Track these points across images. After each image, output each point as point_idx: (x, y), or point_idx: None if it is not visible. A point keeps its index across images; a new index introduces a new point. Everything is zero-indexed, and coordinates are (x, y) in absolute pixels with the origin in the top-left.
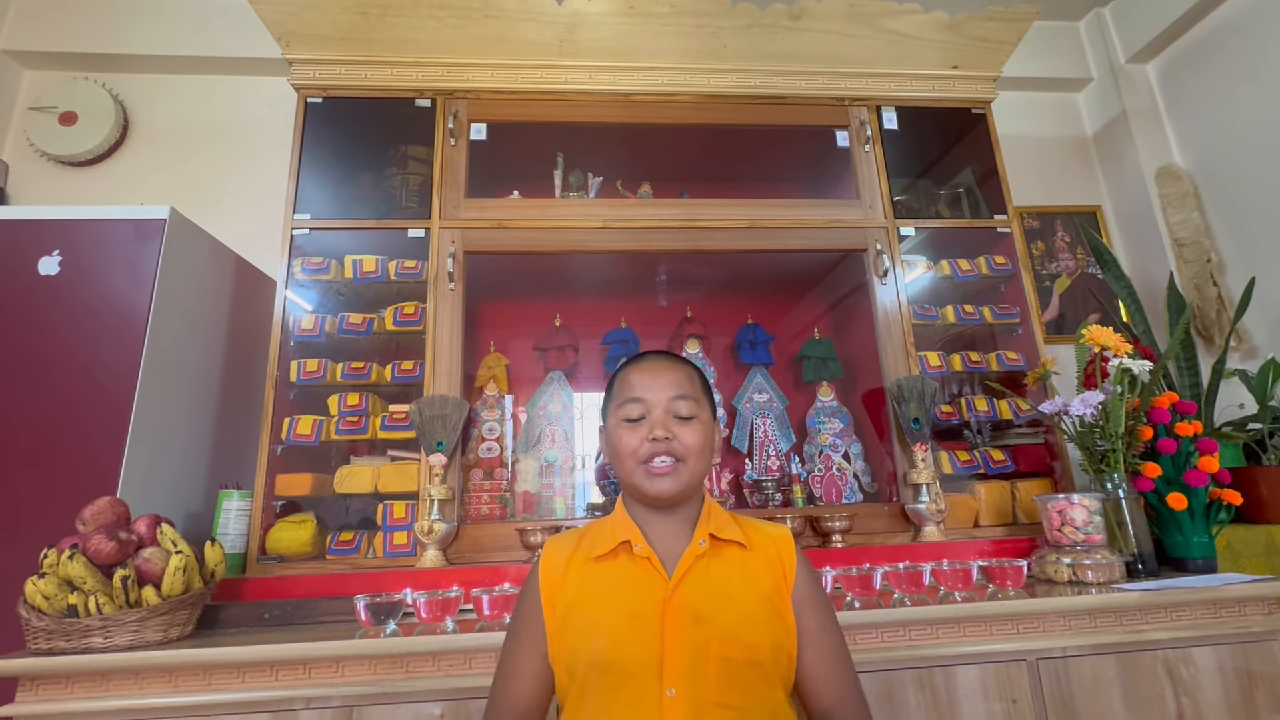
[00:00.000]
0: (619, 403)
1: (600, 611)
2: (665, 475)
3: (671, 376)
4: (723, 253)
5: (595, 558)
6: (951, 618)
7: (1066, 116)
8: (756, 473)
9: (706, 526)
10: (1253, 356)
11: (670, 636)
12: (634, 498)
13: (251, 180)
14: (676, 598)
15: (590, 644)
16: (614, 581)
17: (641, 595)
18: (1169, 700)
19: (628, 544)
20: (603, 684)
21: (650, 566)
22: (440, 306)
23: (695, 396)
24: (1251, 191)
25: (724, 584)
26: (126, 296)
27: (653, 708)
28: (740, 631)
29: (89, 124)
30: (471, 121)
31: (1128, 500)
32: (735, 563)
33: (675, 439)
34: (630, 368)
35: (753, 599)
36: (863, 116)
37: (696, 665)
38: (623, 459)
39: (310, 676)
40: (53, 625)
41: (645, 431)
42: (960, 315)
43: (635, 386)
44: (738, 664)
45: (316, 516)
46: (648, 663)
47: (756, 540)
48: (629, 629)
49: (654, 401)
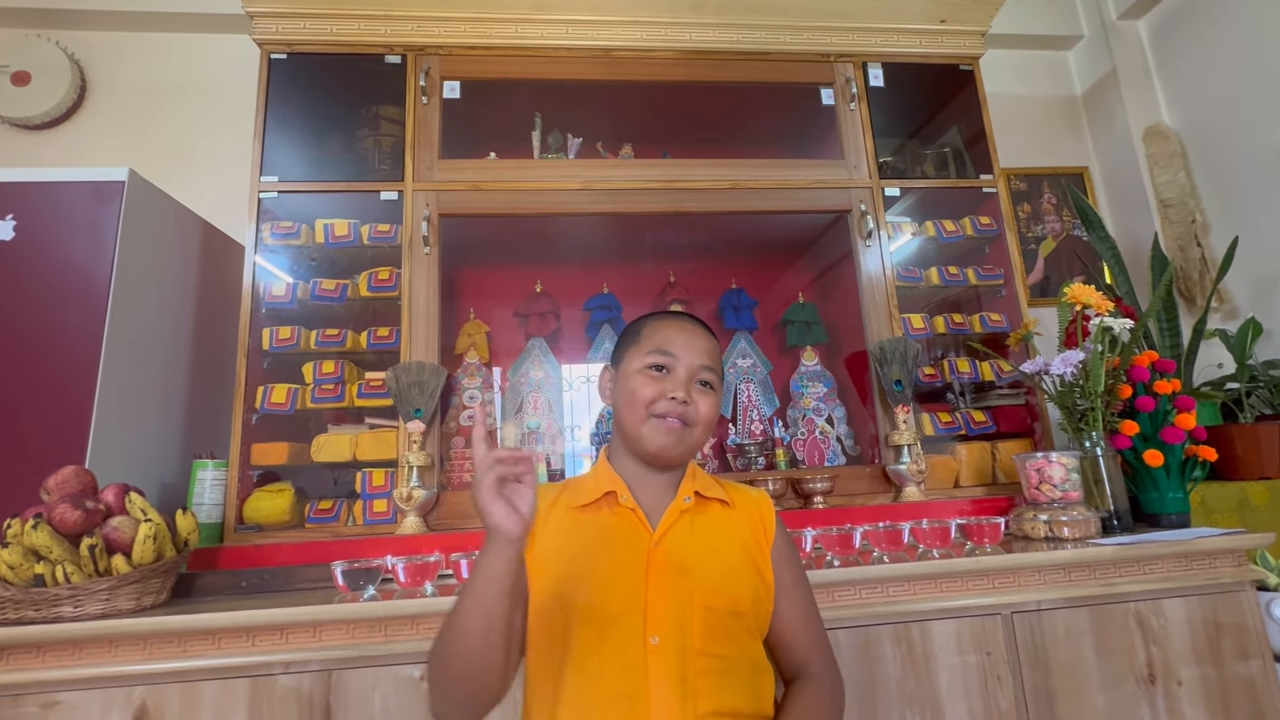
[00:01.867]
0: (647, 349)
1: (584, 560)
2: (672, 433)
3: (705, 344)
4: (705, 215)
5: (579, 506)
6: (929, 574)
7: (1056, 75)
8: (740, 437)
9: (691, 485)
10: (1233, 317)
11: (655, 586)
12: (629, 448)
13: (217, 142)
14: (661, 549)
15: (576, 591)
16: (597, 531)
17: (627, 545)
18: (1139, 650)
19: (612, 495)
20: (586, 630)
21: (635, 518)
22: (416, 272)
23: (718, 370)
24: (1238, 151)
25: (707, 538)
26: (86, 262)
27: (637, 654)
28: (723, 582)
29: (44, 84)
30: (444, 79)
31: (1105, 458)
32: (718, 518)
33: (693, 404)
34: (665, 320)
35: (735, 552)
36: (848, 73)
37: (681, 614)
38: (634, 405)
39: (287, 641)
40: (20, 595)
41: (667, 386)
42: (944, 277)
43: (670, 341)
44: (721, 614)
45: (294, 485)
46: (632, 610)
47: (738, 500)
48: (614, 577)
49: (683, 360)
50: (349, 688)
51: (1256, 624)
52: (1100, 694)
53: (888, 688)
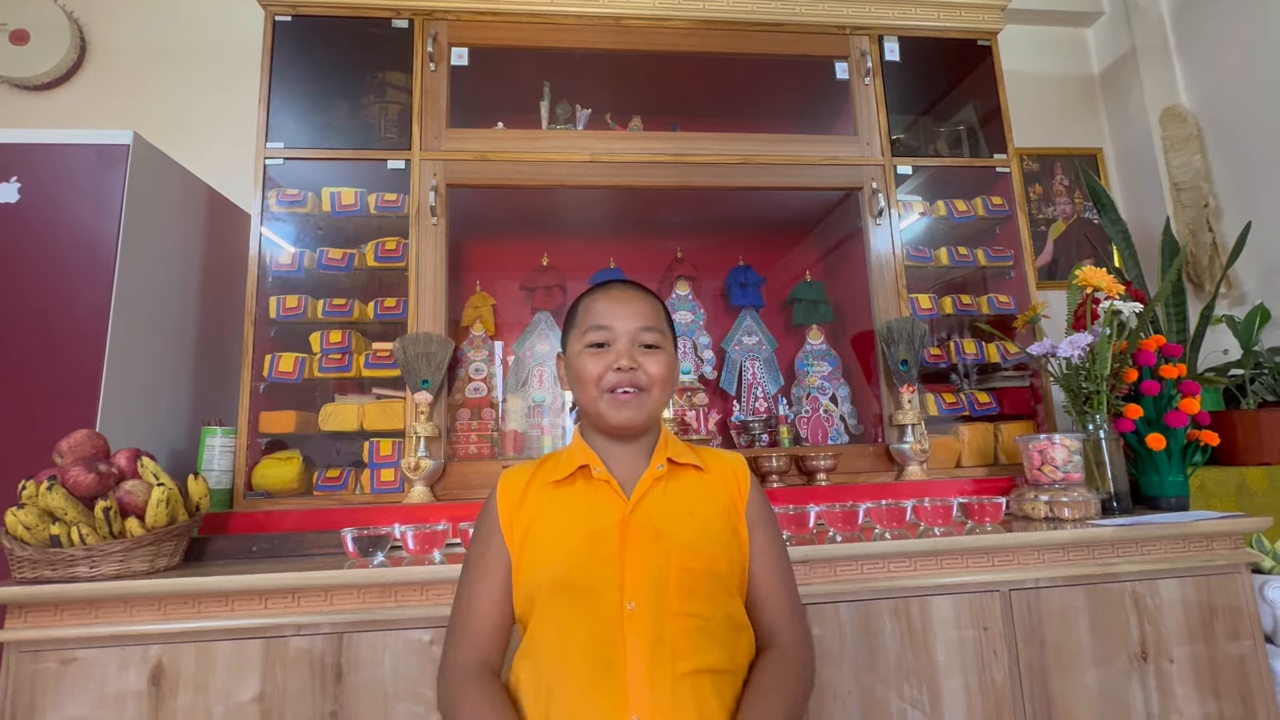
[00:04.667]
0: (583, 329)
1: (560, 533)
2: (628, 404)
3: (639, 306)
4: (714, 190)
5: (553, 482)
6: (929, 551)
7: (1074, 53)
8: (744, 414)
9: (664, 452)
10: (1241, 303)
11: (630, 553)
12: (595, 426)
13: (221, 107)
14: (636, 516)
15: (551, 563)
16: (572, 503)
17: (601, 516)
18: (1133, 628)
19: (586, 468)
20: (563, 601)
21: (609, 489)
22: (423, 242)
23: (661, 328)
24: (1255, 135)
25: (682, 502)
26: (92, 226)
27: (613, 621)
28: (699, 543)
29: (43, 43)
30: (452, 45)
31: (1108, 440)
32: (692, 483)
33: (640, 369)
34: (597, 295)
35: (710, 513)
36: (864, 47)
37: (657, 578)
38: (585, 386)
39: (299, 605)
40: (36, 555)
41: (610, 359)
42: (954, 257)
43: (602, 314)
44: (698, 574)
45: (302, 454)
46: (608, 579)
47: (712, 464)
48: (588, 548)
49: (620, 330)
50: (360, 650)
51: (1249, 606)
52: (1093, 670)
53: (886, 660)
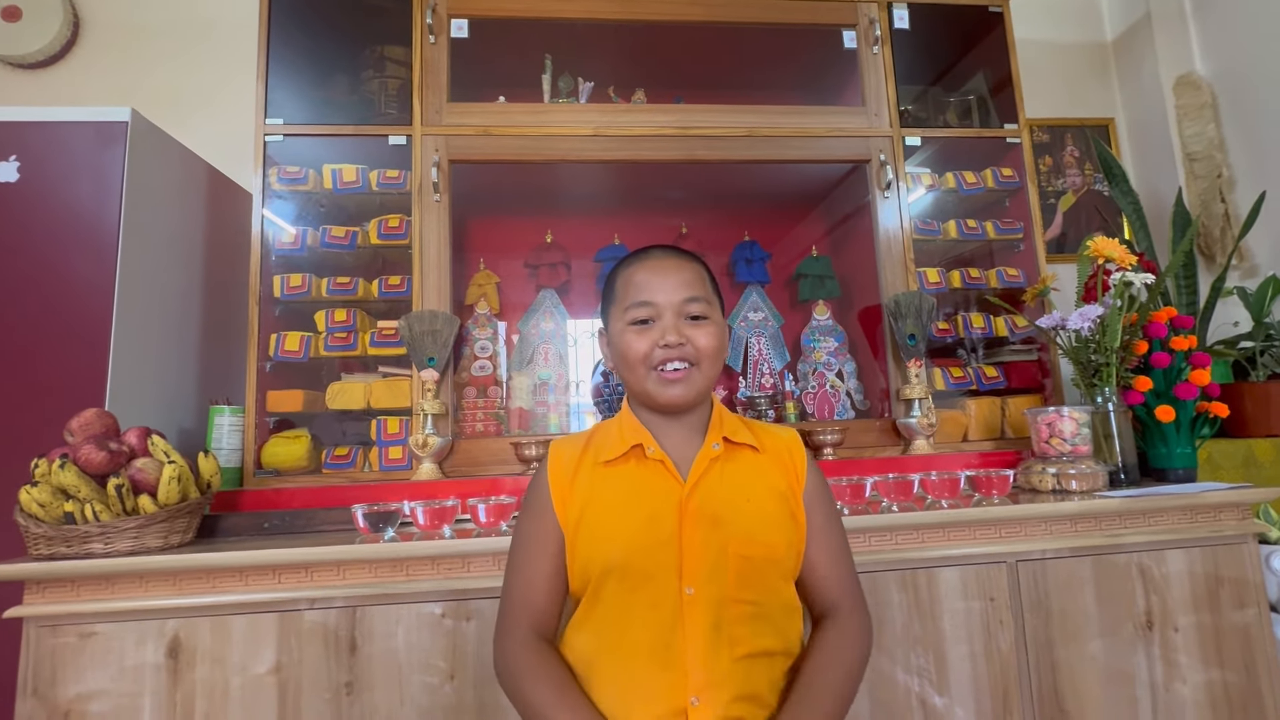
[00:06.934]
0: (625, 305)
1: (616, 516)
2: (679, 381)
3: (683, 275)
4: (719, 164)
5: (605, 461)
6: (936, 523)
7: (1087, 19)
8: (750, 390)
9: (719, 430)
10: (1253, 275)
11: (689, 538)
12: (644, 404)
13: (218, 83)
14: (694, 500)
15: (608, 548)
16: (628, 485)
17: (658, 498)
18: (1139, 598)
19: (639, 447)
20: (621, 586)
21: (665, 470)
22: (426, 219)
23: (707, 297)
24: (1271, 104)
25: (740, 486)
26: (93, 205)
27: (672, 606)
28: (758, 531)
29: (35, 20)
30: (452, 16)
31: (1116, 413)
32: (749, 465)
33: (689, 343)
34: (636, 265)
35: (769, 499)
36: (872, 14)
37: (716, 565)
38: (632, 365)
39: (312, 579)
40: (51, 532)
41: (656, 335)
42: (963, 230)
43: (644, 288)
44: (757, 562)
45: (310, 432)
46: (666, 565)
47: (768, 443)
48: (647, 532)
49: (665, 304)
50: (373, 623)
51: (1255, 576)
52: (1098, 639)
53: (894, 630)
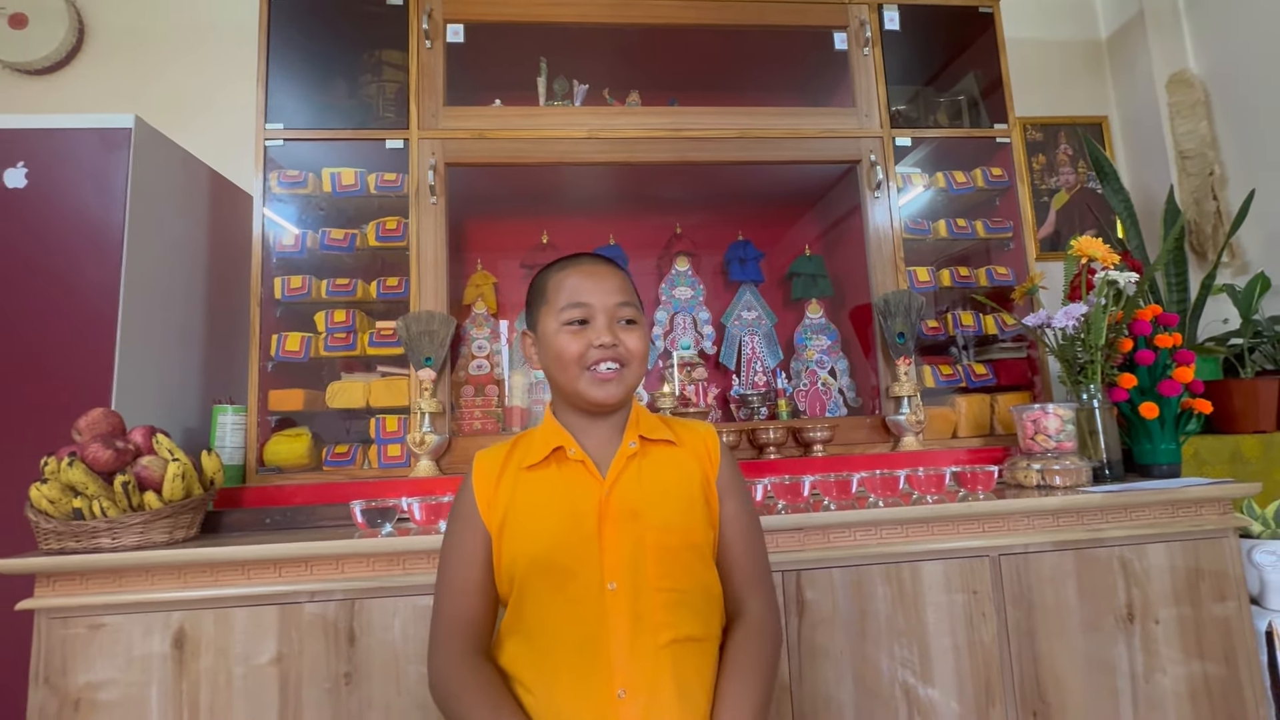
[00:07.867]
0: (559, 306)
1: (539, 515)
2: (610, 381)
3: (615, 281)
4: (712, 164)
5: (528, 466)
6: (921, 518)
7: (1080, 17)
8: (743, 388)
9: (636, 429)
10: (1244, 272)
11: (609, 534)
12: (572, 404)
13: (220, 88)
14: (613, 496)
15: (531, 545)
16: (549, 487)
17: (579, 497)
18: (1120, 591)
19: (561, 450)
20: (545, 584)
21: (585, 470)
22: (423, 221)
23: (635, 302)
24: (1263, 103)
25: (656, 479)
26: (98, 209)
27: (595, 602)
28: (674, 519)
29: (42, 27)
30: (448, 21)
31: (1101, 409)
32: (666, 459)
33: (621, 344)
34: (570, 270)
35: (685, 489)
36: (863, 16)
37: (635, 557)
38: (565, 365)
39: (312, 573)
40: (61, 527)
41: (591, 336)
42: (953, 230)
43: (578, 290)
44: (675, 549)
45: (311, 430)
46: (588, 561)
47: (686, 437)
48: (568, 530)
49: (599, 306)
50: (371, 615)
51: (1236, 569)
52: (1079, 631)
53: (877, 623)
